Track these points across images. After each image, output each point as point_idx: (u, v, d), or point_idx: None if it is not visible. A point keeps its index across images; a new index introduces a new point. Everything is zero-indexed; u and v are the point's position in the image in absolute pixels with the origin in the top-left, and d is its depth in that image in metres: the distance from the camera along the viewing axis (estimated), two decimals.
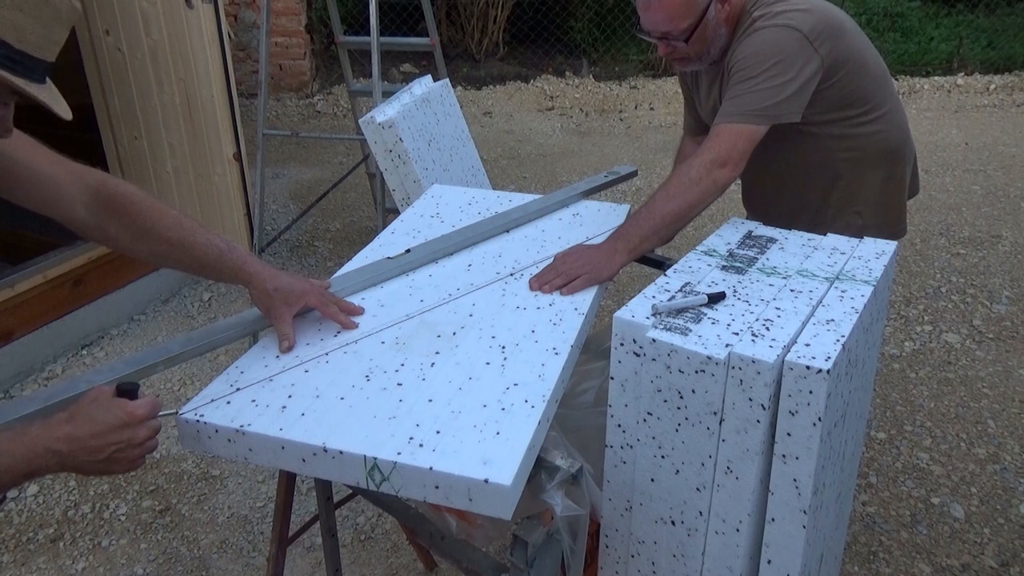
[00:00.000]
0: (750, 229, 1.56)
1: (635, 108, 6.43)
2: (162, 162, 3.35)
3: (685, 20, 1.63)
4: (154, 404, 1.04)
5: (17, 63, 0.87)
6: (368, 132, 2.25)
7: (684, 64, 1.76)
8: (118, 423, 0.99)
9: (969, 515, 2.27)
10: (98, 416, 0.99)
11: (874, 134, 1.75)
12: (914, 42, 7.05)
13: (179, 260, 1.30)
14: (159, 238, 1.25)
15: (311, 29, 6.46)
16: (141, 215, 1.22)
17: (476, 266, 1.63)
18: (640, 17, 1.68)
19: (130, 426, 1.00)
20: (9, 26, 0.85)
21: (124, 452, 1.00)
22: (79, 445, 0.97)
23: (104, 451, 0.99)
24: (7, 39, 0.85)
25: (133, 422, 1.00)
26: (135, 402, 1.02)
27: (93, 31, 3.15)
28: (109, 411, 0.99)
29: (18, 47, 0.86)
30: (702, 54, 1.71)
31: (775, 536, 1.20)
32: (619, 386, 1.25)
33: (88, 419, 0.98)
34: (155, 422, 1.04)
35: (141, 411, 1.01)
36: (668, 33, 1.65)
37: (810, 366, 1.07)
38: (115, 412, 0.99)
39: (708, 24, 1.65)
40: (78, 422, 0.98)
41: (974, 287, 3.54)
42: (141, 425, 1.01)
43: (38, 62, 0.90)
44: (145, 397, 1.05)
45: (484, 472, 1.03)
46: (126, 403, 1.01)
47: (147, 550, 2.22)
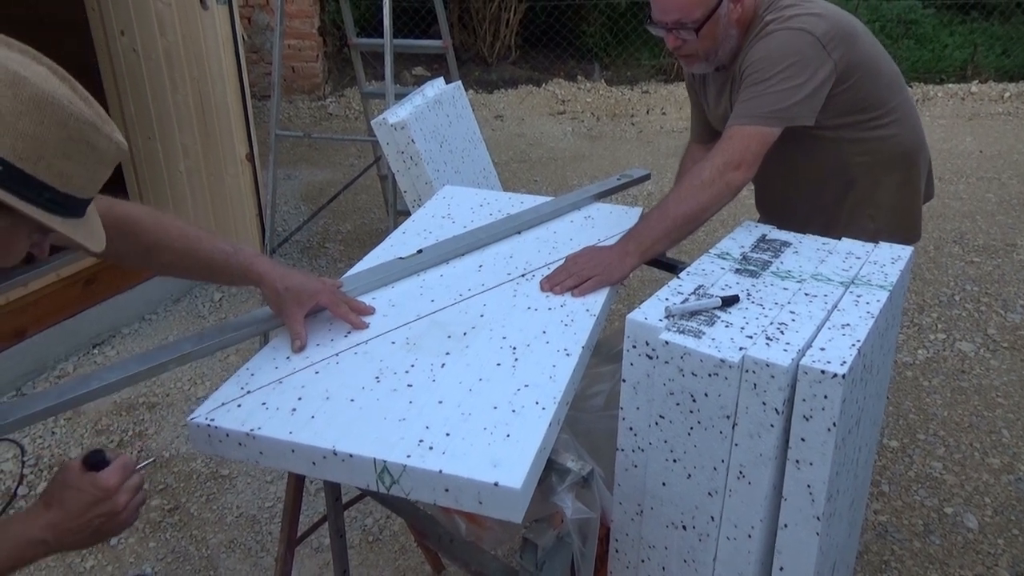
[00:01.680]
0: (764, 232, 1.55)
1: (647, 113, 6.42)
2: (175, 163, 3.36)
3: (697, 10, 1.62)
4: (125, 467, 1.01)
5: (59, 204, 0.88)
6: (380, 133, 2.25)
7: (691, 62, 1.75)
8: (92, 500, 0.97)
9: (983, 525, 2.24)
10: (70, 498, 0.97)
11: (888, 138, 1.74)
12: (928, 49, 7.02)
13: (188, 269, 1.31)
14: (166, 250, 1.26)
15: (324, 32, 6.48)
16: (146, 232, 1.23)
17: (487, 267, 1.62)
18: (652, 6, 1.68)
19: (106, 499, 0.98)
20: (56, 173, 0.86)
21: (110, 522, 1.00)
22: (62, 530, 0.97)
23: (88, 528, 0.98)
24: (53, 184, 0.86)
25: (108, 495, 0.98)
26: (104, 473, 0.99)
27: (108, 32, 3.17)
28: (81, 490, 0.98)
29: (63, 191, 0.88)
30: (710, 53, 1.70)
31: (788, 543, 1.19)
32: (631, 389, 1.24)
33: (61, 504, 0.97)
34: (133, 481, 1.01)
35: (112, 481, 0.98)
36: (679, 21, 1.64)
37: (825, 370, 1.06)
38: (87, 491, 0.97)
39: (719, 20, 1.64)
40: (55, 509, 0.97)
41: (988, 295, 3.51)
42: (118, 494, 0.99)
43: (81, 201, 0.92)
44: (116, 460, 1.01)
45: (494, 475, 1.02)
46: (95, 478, 0.98)
47: (156, 549, 2.22)
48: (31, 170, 0.84)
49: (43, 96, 0.83)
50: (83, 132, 0.87)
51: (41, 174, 0.85)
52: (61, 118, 0.84)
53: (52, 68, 0.90)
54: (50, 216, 0.87)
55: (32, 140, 0.83)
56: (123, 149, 0.93)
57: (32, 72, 0.85)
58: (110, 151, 0.91)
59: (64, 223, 0.89)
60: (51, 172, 0.85)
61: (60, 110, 0.84)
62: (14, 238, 0.90)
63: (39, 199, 0.85)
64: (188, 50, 3.11)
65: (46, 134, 0.84)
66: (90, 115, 0.88)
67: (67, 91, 0.88)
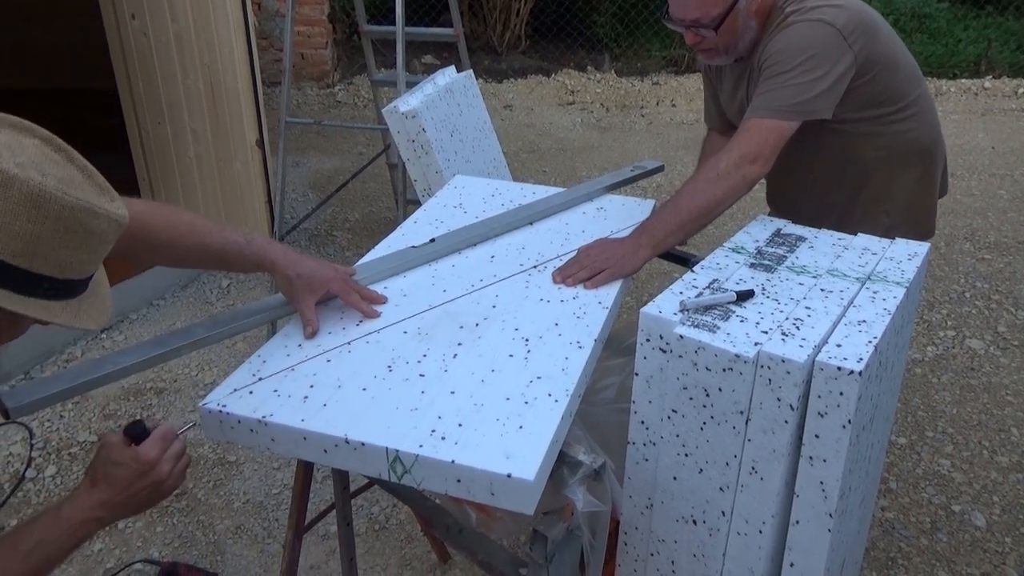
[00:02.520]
0: (779, 227, 1.54)
1: (656, 104, 6.38)
2: (184, 148, 3.36)
3: (716, 7, 1.60)
4: (165, 436, 1.04)
5: (59, 290, 0.86)
6: (391, 122, 2.24)
7: (710, 56, 1.74)
8: (136, 474, 1.01)
9: (991, 524, 2.24)
10: (115, 474, 1.01)
11: (905, 132, 1.72)
12: (941, 44, 6.95)
13: (200, 262, 1.32)
14: (176, 247, 1.25)
15: (333, 19, 6.46)
16: (155, 232, 1.22)
17: (499, 258, 1.62)
18: (669, 4, 1.66)
19: (150, 471, 1.01)
20: (54, 264, 0.83)
21: (158, 490, 1.03)
22: (112, 505, 1.01)
23: (136, 499, 1.02)
24: (52, 274, 0.84)
25: (151, 467, 1.01)
26: (145, 445, 1.02)
27: (119, 15, 3.16)
28: (124, 465, 1.01)
29: (62, 278, 0.85)
30: (730, 46, 1.68)
31: (799, 539, 1.18)
32: (644, 382, 1.24)
33: (108, 480, 1.01)
34: (175, 449, 1.05)
35: (154, 453, 1.02)
36: (698, 20, 1.63)
37: (841, 367, 1.05)
38: (130, 465, 1.01)
39: (738, 14, 1.62)
40: (101, 486, 1.01)
41: (999, 293, 3.49)
42: (160, 464, 1.02)
43: (83, 280, 0.89)
44: (155, 431, 1.04)
45: (507, 466, 1.02)
46: (136, 451, 1.01)
47: (163, 533, 2.23)
48: (27, 265, 0.81)
49: (35, 193, 0.79)
50: (80, 220, 0.83)
51: (38, 267, 0.82)
52: (56, 212, 0.81)
53: (45, 139, 0.86)
54: (49, 305, 0.85)
55: (27, 238, 0.80)
56: (123, 222, 0.89)
57: (24, 158, 0.80)
58: (109, 231, 0.88)
59: (66, 306, 0.87)
60: (48, 263, 0.83)
61: (54, 203, 0.80)
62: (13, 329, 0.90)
63: (38, 290, 0.83)
64: (199, 35, 3.10)
65: (41, 230, 0.80)
66: (86, 197, 0.84)
67: (61, 172, 0.83)
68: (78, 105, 4.42)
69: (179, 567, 2.03)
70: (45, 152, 0.84)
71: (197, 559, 2.14)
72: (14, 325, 0.89)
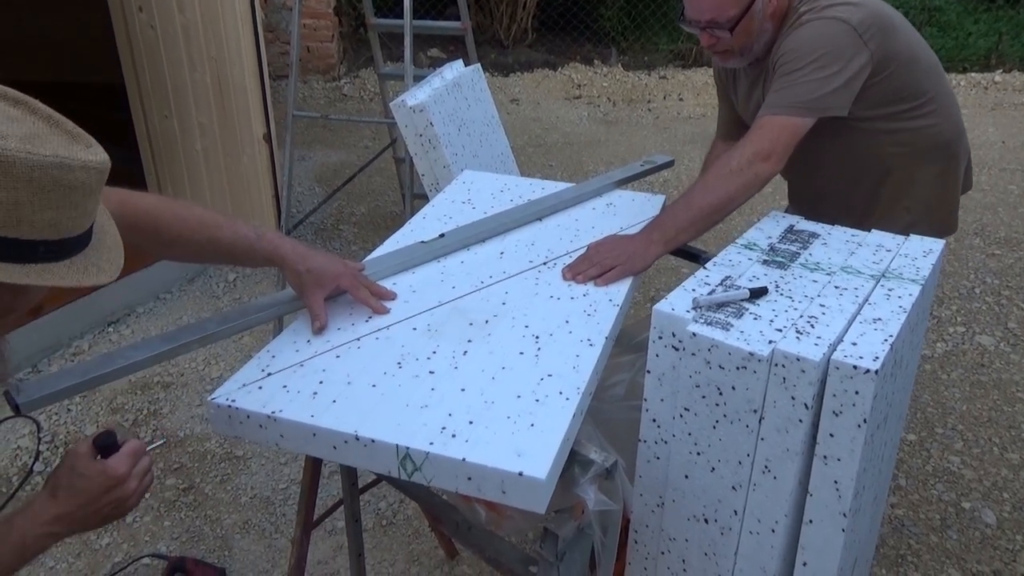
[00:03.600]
0: (791, 223, 1.52)
1: (664, 98, 6.35)
2: (192, 142, 3.35)
3: (732, 8, 1.59)
4: (135, 451, 0.99)
5: (58, 251, 0.81)
6: (399, 116, 2.22)
7: (725, 58, 1.72)
8: (102, 489, 0.95)
9: (1001, 521, 2.22)
10: (80, 487, 0.95)
11: (926, 128, 1.70)
12: (951, 37, 6.90)
13: (211, 257, 1.30)
14: (187, 242, 1.23)
15: (339, 11, 6.43)
16: (166, 227, 1.20)
17: (508, 254, 1.61)
18: (685, 5, 1.64)
19: (115, 487, 0.96)
20: (43, 226, 0.78)
21: (119, 507, 0.98)
22: (70, 520, 0.95)
23: (98, 515, 0.97)
24: (44, 237, 0.79)
25: (118, 483, 0.96)
26: (114, 460, 0.97)
27: (126, 7, 3.14)
28: (90, 479, 0.95)
29: (57, 238, 0.80)
30: (745, 48, 1.67)
31: (812, 538, 1.17)
32: (656, 380, 1.22)
33: (71, 492, 0.95)
34: (142, 465, 1.00)
35: (122, 469, 0.96)
36: (713, 21, 1.61)
37: (857, 366, 1.04)
38: (96, 479, 0.95)
39: (754, 16, 1.61)
40: (61, 498, 0.95)
41: (1009, 289, 3.46)
42: (128, 481, 0.97)
43: (81, 236, 0.84)
44: (125, 445, 0.99)
45: (518, 464, 1.01)
46: (105, 466, 0.96)
47: (170, 528, 2.23)
48: (15, 234, 0.76)
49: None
50: (54, 177, 0.77)
51: (27, 234, 0.77)
52: (25, 174, 0.75)
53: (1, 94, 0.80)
54: (51, 267, 0.80)
55: (4, 206, 0.74)
56: (103, 167, 0.83)
57: None
58: (90, 180, 0.81)
59: (71, 264, 0.83)
60: (37, 227, 0.77)
61: (20, 165, 0.74)
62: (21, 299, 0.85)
63: (35, 256, 0.78)
64: (206, 28, 3.09)
65: (16, 196, 0.75)
66: (54, 151, 0.78)
67: (22, 129, 0.77)
68: (84, 98, 4.41)
69: (187, 562, 2.03)
70: (2, 110, 0.78)
71: (205, 554, 2.15)
72: (19, 295, 0.84)
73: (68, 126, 0.83)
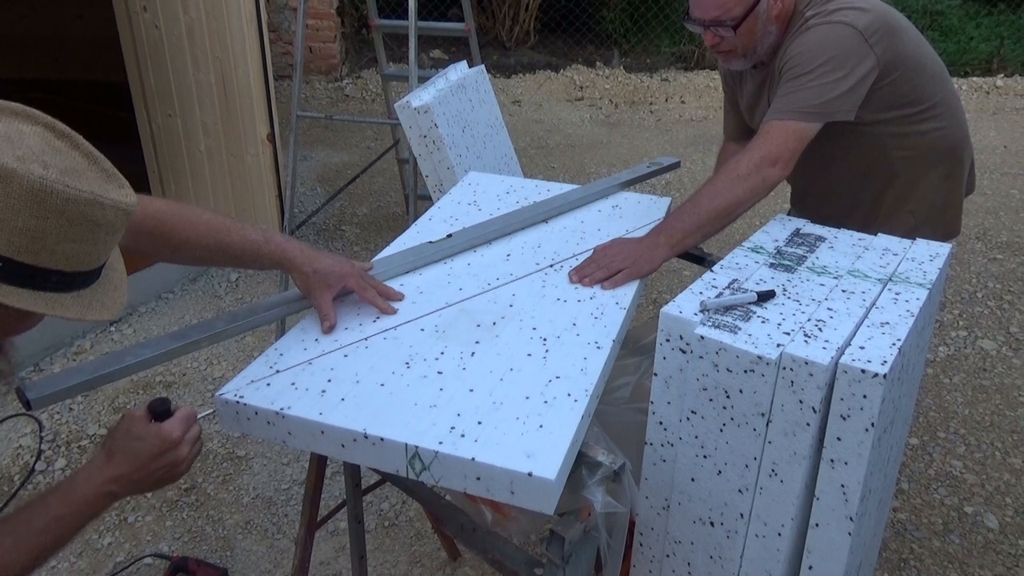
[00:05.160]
0: (798, 227, 1.52)
1: (666, 101, 6.36)
2: (195, 141, 3.35)
3: (737, 7, 1.59)
4: (188, 417, 1.04)
5: (69, 284, 0.83)
6: (403, 117, 2.23)
7: (728, 59, 1.72)
8: (157, 451, 1.00)
9: (1003, 526, 2.22)
10: (136, 449, 0.99)
11: (931, 132, 1.71)
12: (953, 41, 6.91)
13: (219, 260, 1.31)
14: (195, 246, 1.24)
15: (342, 12, 6.44)
16: (174, 232, 1.21)
17: (515, 256, 1.61)
18: (690, 3, 1.65)
19: (170, 451, 1.01)
20: (61, 257, 0.80)
21: (171, 471, 1.02)
22: (127, 481, 0.99)
23: (152, 478, 1.01)
24: (59, 268, 0.81)
25: (172, 446, 1.00)
26: (169, 424, 1.01)
27: (131, 7, 3.15)
28: (145, 441, 0.99)
29: (70, 271, 0.82)
30: (748, 50, 1.67)
31: (818, 542, 1.17)
32: (663, 383, 1.23)
33: (127, 454, 0.99)
34: (193, 432, 1.04)
35: (176, 433, 1.01)
36: (718, 19, 1.61)
37: (865, 370, 1.04)
38: (151, 441, 0.99)
39: (759, 16, 1.61)
40: (117, 460, 0.99)
41: (1011, 293, 3.47)
42: (181, 445, 1.02)
43: (92, 272, 0.86)
44: (178, 411, 1.04)
45: (528, 465, 1.01)
46: (160, 429, 1.00)
47: (172, 528, 2.22)
48: (33, 261, 0.78)
49: (36, 187, 0.76)
50: (84, 213, 0.80)
51: (44, 262, 0.79)
52: (59, 206, 0.77)
53: (47, 125, 0.82)
54: (58, 298, 0.82)
55: (31, 233, 0.77)
56: (131, 210, 0.85)
57: (24, 150, 0.77)
58: (116, 220, 0.84)
59: (78, 297, 0.85)
60: (55, 258, 0.80)
61: (56, 197, 0.77)
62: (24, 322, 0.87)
63: (46, 284, 0.81)
64: (211, 27, 3.09)
65: (44, 226, 0.77)
66: (90, 188, 0.80)
67: (64, 161, 0.80)
68: (88, 97, 4.42)
69: (189, 562, 2.03)
70: (47, 140, 0.81)
71: (207, 554, 2.14)
72: (24, 319, 0.86)
73: (105, 164, 0.86)
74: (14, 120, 0.81)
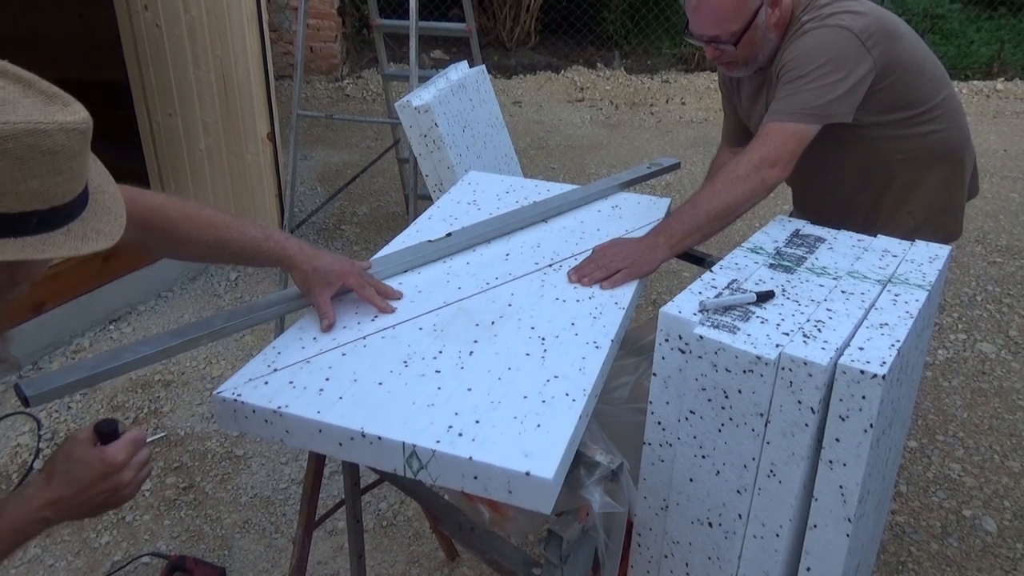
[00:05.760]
0: (797, 227, 1.52)
1: (666, 102, 6.36)
2: (195, 140, 3.35)
3: (735, 24, 1.60)
4: (135, 440, 0.97)
5: (51, 220, 0.76)
6: (403, 116, 2.23)
7: (731, 69, 1.73)
8: (99, 476, 0.93)
9: (1002, 529, 2.22)
10: (76, 473, 0.93)
11: (930, 134, 1.71)
12: (954, 45, 6.92)
13: (219, 258, 1.30)
14: (197, 242, 1.23)
15: (343, 12, 6.44)
16: (176, 227, 1.20)
17: (514, 255, 1.61)
18: (689, 20, 1.65)
19: (112, 475, 0.94)
20: (29, 197, 0.73)
21: (113, 496, 0.96)
22: (64, 505, 0.93)
23: (92, 502, 0.95)
24: (33, 207, 0.74)
25: (115, 471, 0.94)
26: (113, 447, 0.95)
27: (132, 6, 3.15)
28: (87, 465, 0.93)
29: (47, 207, 0.75)
30: (750, 59, 1.68)
31: (816, 543, 1.17)
32: (661, 383, 1.22)
33: (67, 478, 0.93)
34: (141, 456, 0.97)
35: (120, 456, 0.94)
36: (717, 37, 1.63)
37: (865, 371, 1.04)
38: (93, 465, 0.93)
39: (758, 28, 1.62)
40: (56, 483, 0.93)
41: (1010, 296, 3.47)
42: (125, 470, 0.95)
43: (74, 201, 0.79)
44: (125, 434, 0.97)
45: (525, 464, 1.01)
46: (103, 452, 0.94)
47: (170, 527, 2.22)
48: (2, 209, 0.72)
49: None
50: (30, 146, 0.72)
51: (14, 207, 0.73)
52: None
53: None
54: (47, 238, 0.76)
55: None
56: (83, 127, 0.77)
57: None
58: (71, 142, 0.75)
59: (68, 232, 0.78)
60: (22, 200, 0.73)
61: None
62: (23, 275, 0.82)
63: (28, 228, 0.74)
64: (212, 26, 3.09)
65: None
66: (27, 116, 0.72)
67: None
68: (89, 96, 4.42)
69: (186, 561, 2.03)
70: None
71: (204, 553, 2.14)
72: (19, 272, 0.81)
73: (42, 86, 0.78)
74: None
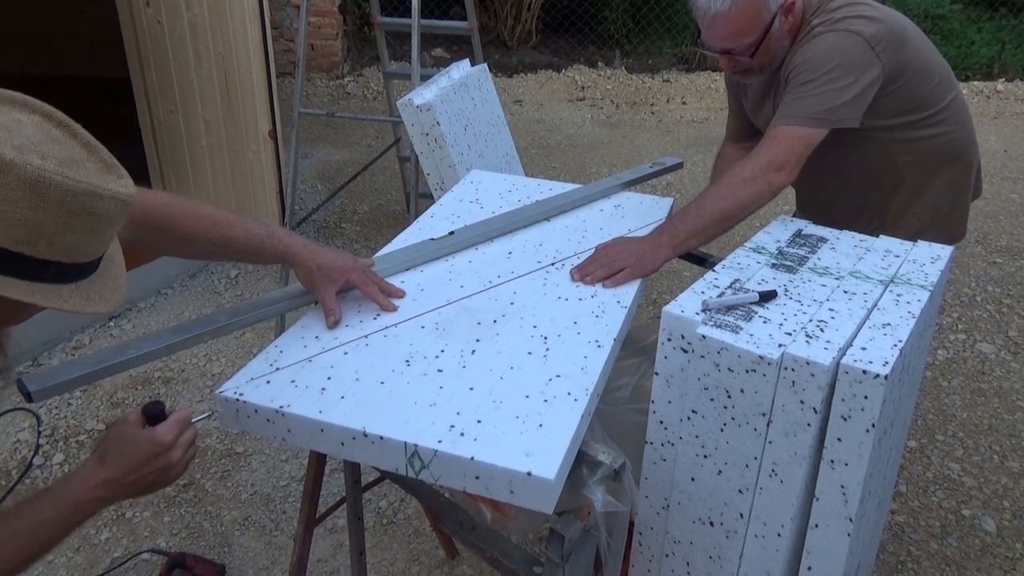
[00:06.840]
0: (800, 227, 1.52)
1: (667, 102, 6.36)
2: (196, 137, 3.35)
3: (751, 36, 1.60)
4: (182, 421, 1.03)
5: (67, 275, 0.83)
6: (405, 114, 2.22)
7: (746, 76, 1.73)
8: (150, 455, 0.99)
9: (1001, 529, 2.22)
10: (128, 452, 0.99)
11: (938, 137, 1.71)
12: (954, 46, 6.91)
13: (222, 255, 1.31)
14: (200, 240, 1.24)
15: (344, 10, 6.43)
16: (178, 226, 1.21)
17: (516, 254, 1.61)
18: (702, 32, 1.65)
19: (162, 454, 1.00)
20: (59, 248, 0.80)
21: (163, 475, 1.02)
22: (118, 485, 0.99)
23: (144, 481, 1.00)
24: (57, 259, 0.80)
25: (164, 450, 1.00)
26: (162, 427, 1.01)
27: (133, 2, 3.15)
28: (138, 445, 0.99)
29: (68, 262, 0.82)
30: (765, 66, 1.69)
31: (817, 543, 1.17)
32: (664, 382, 1.22)
33: (119, 457, 0.99)
34: (187, 436, 1.04)
35: (169, 436, 1.00)
36: (732, 50, 1.62)
37: (867, 370, 1.04)
38: (144, 446, 0.99)
39: (773, 36, 1.62)
40: (110, 463, 0.98)
41: (1010, 297, 3.47)
42: (173, 449, 1.01)
43: (91, 263, 0.86)
44: (173, 415, 1.03)
45: (527, 464, 1.01)
46: (153, 433, 1.00)
47: (170, 524, 2.22)
48: (32, 252, 0.78)
49: (35, 178, 0.75)
50: (83, 204, 0.79)
51: (43, 253, 0.79)
52: (57, 197, 0.77)
53: (46, 114, 0.82)
54: (56, 289, 0.82)
55: (29, 225, 0.76)
56: (130, 201, 0.84)
57: (22, 140, 0.76)
58: (115, 211, 0.83)
59: (75, 289, 0.84)
60: (53, 249, 0.79)
61: (55, 188, 0.76)
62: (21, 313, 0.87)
63: (44, 275, 0.80)
64: (214, 23, 3.09)
65: (43, 217, 0.77)
66: (88, 179, 0.79)
67: (62, 151, 0.79)
68: (90, 92, 4.42)
69: (186, 558, 2.03)
70: (46, 129, 0.80)
71: (204, 550, 2.14)
72: (21, 310, 0.86)
73: (104, 154, 0.85)
74: (12, 109, 0.80)
